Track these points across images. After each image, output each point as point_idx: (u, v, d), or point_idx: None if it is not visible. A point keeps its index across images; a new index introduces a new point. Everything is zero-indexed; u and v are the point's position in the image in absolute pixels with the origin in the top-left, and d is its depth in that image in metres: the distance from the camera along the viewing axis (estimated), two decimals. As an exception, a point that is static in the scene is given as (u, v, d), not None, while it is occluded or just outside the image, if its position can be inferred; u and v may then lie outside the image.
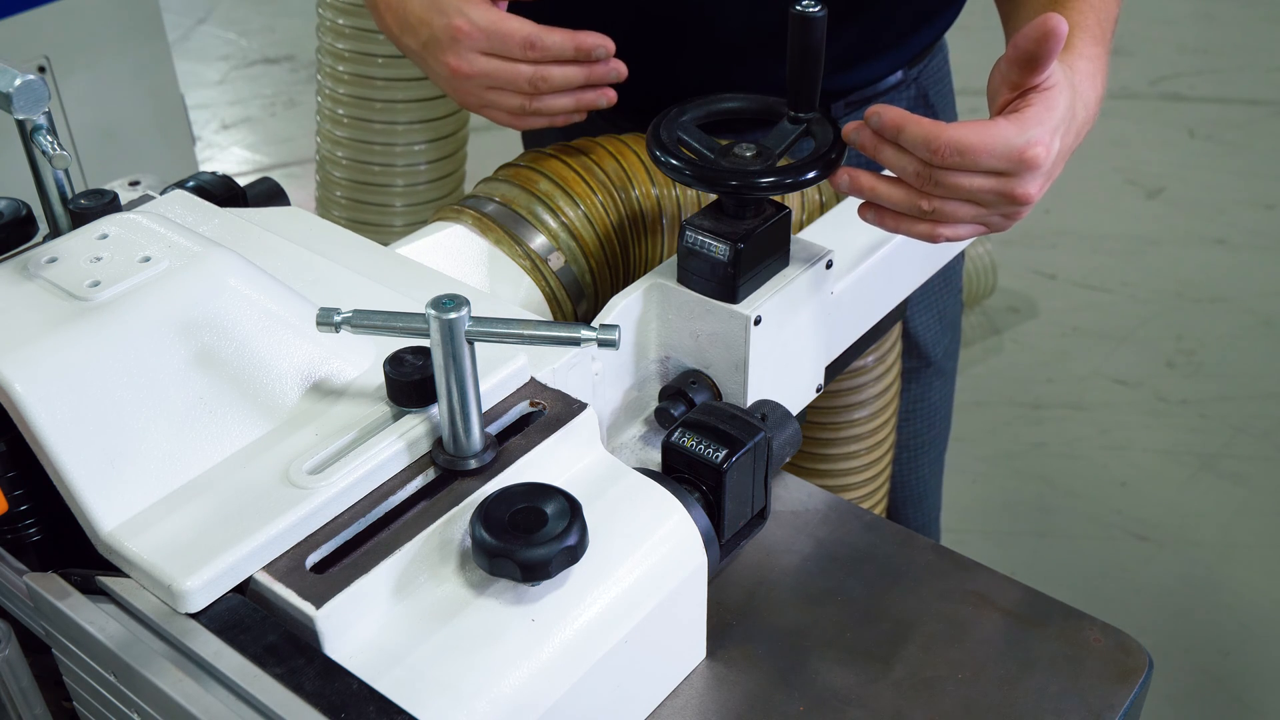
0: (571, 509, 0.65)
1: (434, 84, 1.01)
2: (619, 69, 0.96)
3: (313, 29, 1.48)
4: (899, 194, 0.82)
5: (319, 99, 1.47)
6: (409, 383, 0.68)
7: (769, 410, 0.84)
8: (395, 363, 0.69)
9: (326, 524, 0.65)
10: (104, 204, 0.80)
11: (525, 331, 0.66)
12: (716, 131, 0.89)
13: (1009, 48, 0.79)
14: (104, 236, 0.74)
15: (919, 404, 1.29)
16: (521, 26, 0.92)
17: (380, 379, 0.71)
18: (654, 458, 0.87)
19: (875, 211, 0.84)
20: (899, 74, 1.16)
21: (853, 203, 1.02)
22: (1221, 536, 2.24)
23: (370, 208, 1.50)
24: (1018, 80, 0.79)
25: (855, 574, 0.83)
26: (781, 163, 0.84)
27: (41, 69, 1.90)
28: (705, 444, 0.76)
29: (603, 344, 0.67)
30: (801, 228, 1.00)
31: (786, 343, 0.88)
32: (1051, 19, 0.75)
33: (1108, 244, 3.02)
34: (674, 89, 0.95)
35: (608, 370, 0.85)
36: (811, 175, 0.83)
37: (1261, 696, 1.95)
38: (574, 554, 0.64)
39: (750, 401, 0.86)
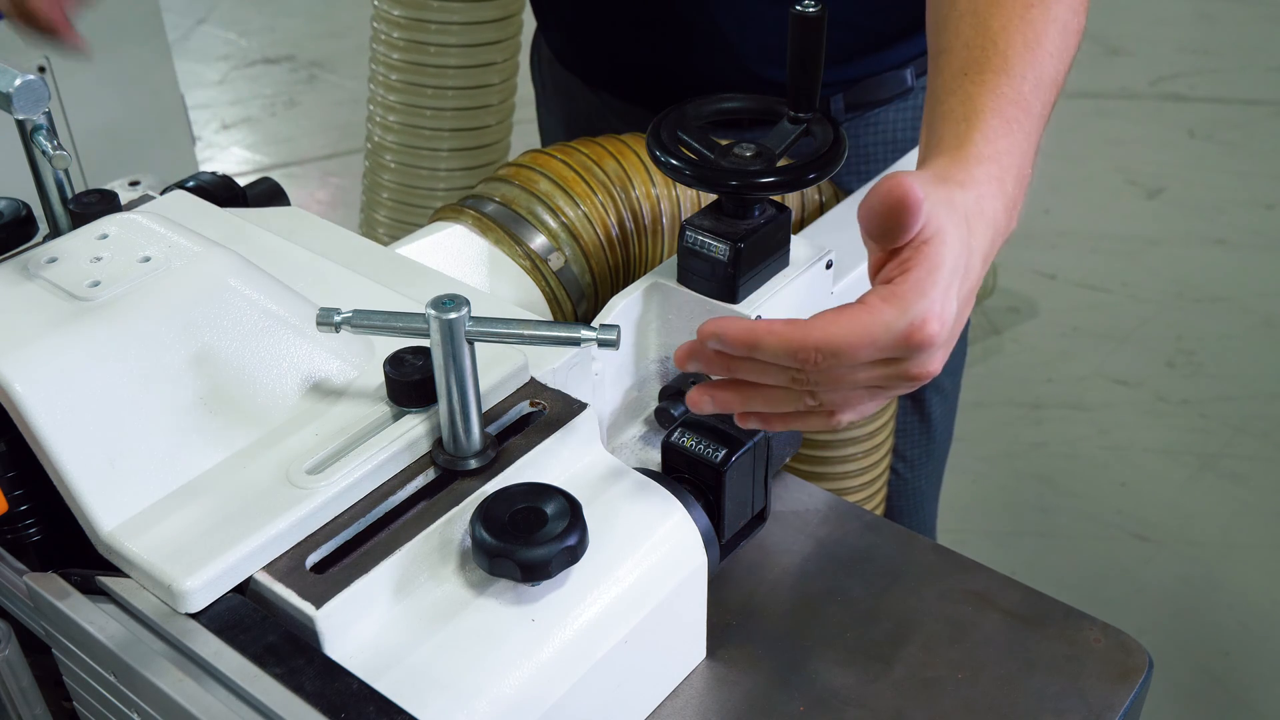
0: (571, 509, 0.65)
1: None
2: None
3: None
4: (777, 396, 0.67)
5: (371, 86, 1.48)
6: (409, 383, 0.68)
7: (769, 410, 0.84)
8: (395, 363, 0.69)
9: (326, 524, 0.65)
10: (104, 204, 0.80)
11: (525, 331, 0.66)
12: (716, 131, 0.89)
13: (859, 215, 0.64)
14: (104, 236, 0.74)
15: (915, 419, 1.26)
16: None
17: (380, 379, 0.71)
18: (654, 458, 0.87)
19: (759, 417, 0.70)
20: (907, 80, 1.11)
21: (853, 203, 1.02)
22: (1221, 536, 2.24)
23: (419, 175, 1.50)
24: (880, 249, 0.65)
25: (855, 574, 0.83)
26: (781, 163, 0.84)
27: (41, 69, 1.90)
28: (705, 444, 0.76)
29: (603, 344, 0.67)
30: (801, 228, 1.00)
31: (786, 343, 0.88)
32: (898, 184, 0.60)
33: (1108, 244, 3.02)
34: (690, 84, 0.92)
35: (608, 370, 0.85)
36: (811, 175, 0.83)
37: (1261, 696, 1.95)
38: (574, 554, 0.64)
39: (750, 401, 0.86)
